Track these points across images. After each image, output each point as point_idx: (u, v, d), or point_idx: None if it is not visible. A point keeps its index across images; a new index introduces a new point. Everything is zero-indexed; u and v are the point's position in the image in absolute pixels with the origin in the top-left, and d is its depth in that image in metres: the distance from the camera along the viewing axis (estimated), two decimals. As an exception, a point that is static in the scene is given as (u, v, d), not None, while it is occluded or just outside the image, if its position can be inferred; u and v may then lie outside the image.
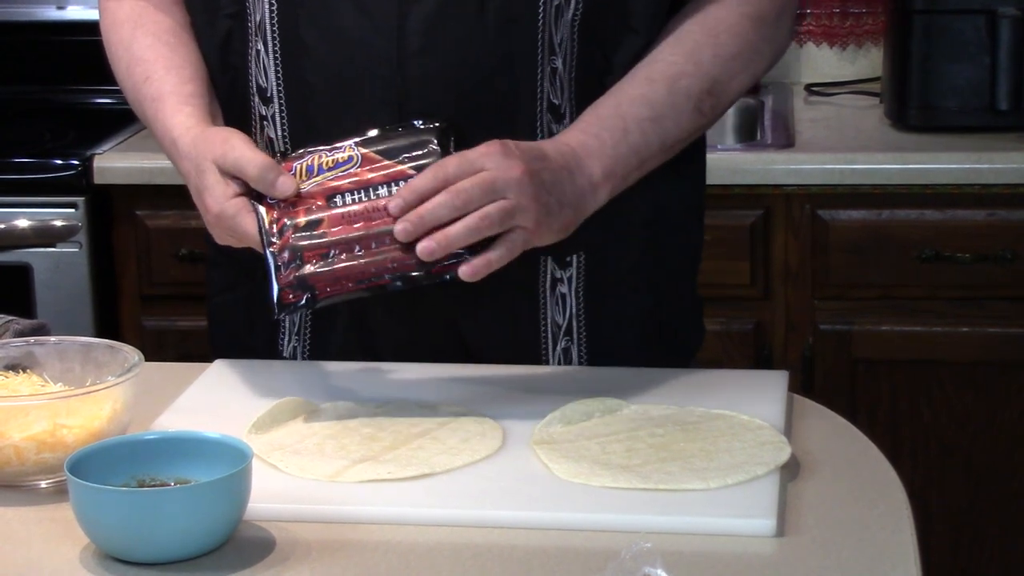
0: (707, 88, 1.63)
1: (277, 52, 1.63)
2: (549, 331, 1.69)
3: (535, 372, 1.66)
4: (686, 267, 1.78)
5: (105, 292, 2.92)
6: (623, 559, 1.20)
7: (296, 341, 1.73)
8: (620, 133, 1.58)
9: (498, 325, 1.67)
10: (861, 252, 2.79)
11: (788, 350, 2.85)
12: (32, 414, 1.41)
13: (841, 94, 3.24)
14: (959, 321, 2.81)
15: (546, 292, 1.68)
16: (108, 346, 1.52)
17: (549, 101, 1.62)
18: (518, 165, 1.49)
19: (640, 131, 1.59)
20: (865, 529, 1.33)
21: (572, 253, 1.67)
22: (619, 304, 1.71)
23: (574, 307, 1.69)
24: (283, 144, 1.65)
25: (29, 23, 3.30)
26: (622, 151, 1.58)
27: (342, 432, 1.49)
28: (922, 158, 2.77)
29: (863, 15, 3.34)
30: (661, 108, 1.60)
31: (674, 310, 1.76)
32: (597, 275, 1.69)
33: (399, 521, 1.34)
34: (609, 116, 1.59)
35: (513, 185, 1.48)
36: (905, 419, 2.85)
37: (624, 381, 1.62)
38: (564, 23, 1.61)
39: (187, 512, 1.27)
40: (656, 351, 1.73)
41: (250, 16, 1.64)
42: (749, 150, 2.92)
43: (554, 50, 1.61)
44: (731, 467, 1.40)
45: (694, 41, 1.63)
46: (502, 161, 1.49)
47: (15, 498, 1.41)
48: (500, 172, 1.48)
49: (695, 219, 1.79)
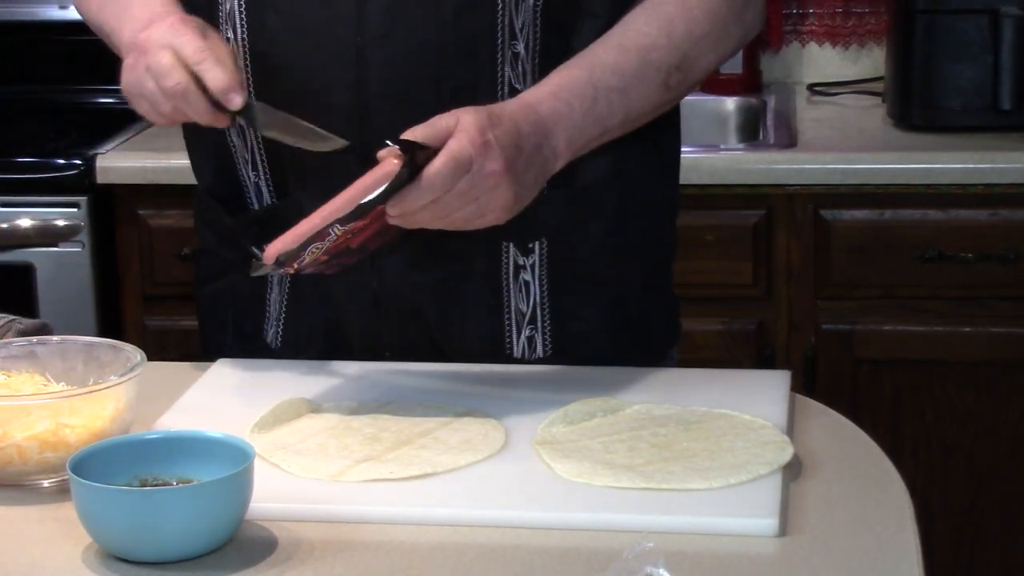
0: (677, 63, 1.63)
1: (246, 41, 1.66)
2: (513, 319, 1.70)
3: (536, 371, 1.66)
4: (658, 262, 1.78)
5: (107, 292, 2.92)
6: (626, 559, 1.20)
7: (275, 328, 1.75)
8: (589, 102, 1.59)
9: (462, 313, 1.68)
10: (863, 252, 2.79)
11: (790, 350, 2.85)
12: (35, 414, 1.41)
13: (844, 94, 3.24)
14: (961, 321, 2.81)
15: (509, 280, 1.68)
16: (110, 346, 1.52)
17: (511, 86, 1.63)
18: (498, 165, 1.49)
19: (607, 101, 1.60)
20: (867, 529, 1.33)
21: (534, 240, 1.67)
22: (584, 294, 1.71)
23: (538, 295, 1.69)
24: (254, 131, 1.65)
25: (31, 23, 3.30)
26: (588, 121, 1.59)
27: (345, 432, 1.49)
28: (925, 158, 2.77)
29: (866, 15, 3.33)
30: (630, 79, 1.61)
31: (645, 305, 1.76)
32: (560, 263, 1.69)
33: (401, 521, 1.34)
34: (580, 81, 1.59)
35: (492, 186, 1.49)
36: (907, 419, 2.84)
37: (626, 381, 1.62)
38: (526, 8, 1.62)
39: (189, 512, 1.27)
40: (624, 345, 1.73)
41: (220, 5, 1.67)
42: (751, 150, 2.92)
43: (515, 35, 1.62)
44: (733, 467, 1.40)
45: (668, 13, 1.64)
46: (484, 164, 1.48)
47: (18, 497, 1.41)
48: (479, 179, 1.48)
49: (666, 215, 1.79)
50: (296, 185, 1.68)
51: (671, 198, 1.80)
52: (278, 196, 1.71)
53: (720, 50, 1.68)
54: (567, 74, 1.60)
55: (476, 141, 1.48)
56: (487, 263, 1.66)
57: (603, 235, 1.70)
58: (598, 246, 1.70)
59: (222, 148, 1.72)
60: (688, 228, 2.80)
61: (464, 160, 1.47)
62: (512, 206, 1.52)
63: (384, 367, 1.66)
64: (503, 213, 1.52)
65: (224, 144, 1.72)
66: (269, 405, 1.53)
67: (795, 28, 3.36)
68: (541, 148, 1.55)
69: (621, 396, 1.56)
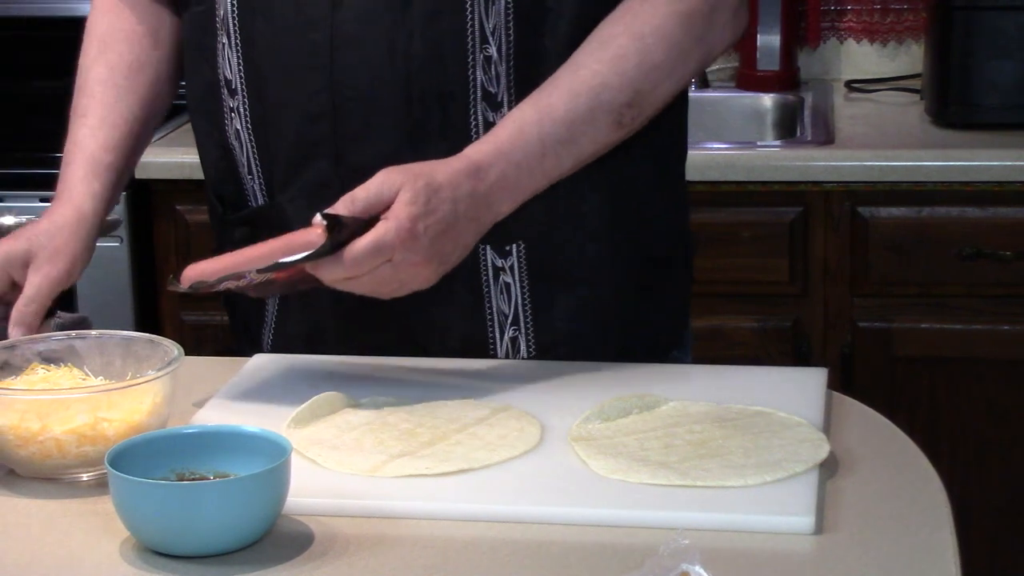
0: (629, 100, 1.61)
1: (238, 45, 1.68)
2: (496, 320, 1.70)
3: (572, 368, 1.66)
4: (657, 262, 1.77)
5: (145, 286, 2.93)
6: (661, 555, 1.20)
7: (268, 331, 1.78)
8: (537, 159, 1.59)
9: (445, 316, 1.67)
10: (901, 249, 2.78)
11: (827, 347, 2.84)
12: (73, 407, 1.42)
13: (881, 91, 3.23)
14: (999, 319, 2.80)
15: (489, 281, 1.69)
16: (148, 340, 1.52)
17: (484, 89, 1.63)
18: (419, 257, 1.52)
19: (556, 154, 1.59)
20: (904, 527, 1.32)
21: (510, 243, 1.67)
22: (569, 294, 1.71)
23: (519, 296, 1.69)
24: (249, 135, 1.69)
25: (70, 18, 3.31)
26: (536, 176, 1.59)
27: (381, 427, 1.50)
28: (963, 155, 2.76)
29: (904, 11, 3.32)
30: (581, 126, 1.60)
31: (640, 304, 1.75)
32: (542, 263, 1.69)
33: (437, 516, 1.35)
34: (530, 138, 1.58)
35: (411, 274, 1.53)
36: (944, 417, 2.83)
37: (661, 377, 1.62)
38: (496, 11, 1.61)
39: (226, 506, 1.27)
40: (617, 346, 1.72)
41: (216, 11, 1.69)
42: (789, 147, 2.91)
43: (486, 39, 1.62)
44: (770, 464, 1.39)
45: (620, 47, 1.61)
46: (407, 255, 1.51)
47: (56, 491, 1.42)
48: (400, 268, 1.52)
49: (665, 214, 1.77)
50: (279, 190, 1.71)
51: (671, 198, 1.78)
52: (270, 199, 1.73)
53: (679, 75, 1.65)
54: (517, 128, 1.59)
55: (403, 231, 1.50)
56: (466, 266, 1.65)
57: (585, 238, 1.70)
58: (580, 248, 1.70)
59: (225, 150, 1.74)
60: (725, 225, 2.81)
61: (386, 249, 1.50)
62: (435, 280, 1.56)
63: (421, 363, 1.67)
64: (424, 286, 1.56)
65: (227, 146, 1.74)
66: (306, 400, 1.53)
67: (833, 25, 3.35)
68: (479, 219, 1.56)
69: (657, 392, 1.55)
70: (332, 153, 1.65)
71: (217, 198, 1.79)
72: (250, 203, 1.74)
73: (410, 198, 1.51)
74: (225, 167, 1.75)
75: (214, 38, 1.70)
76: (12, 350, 1.52)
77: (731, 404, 1.54)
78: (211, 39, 1.70)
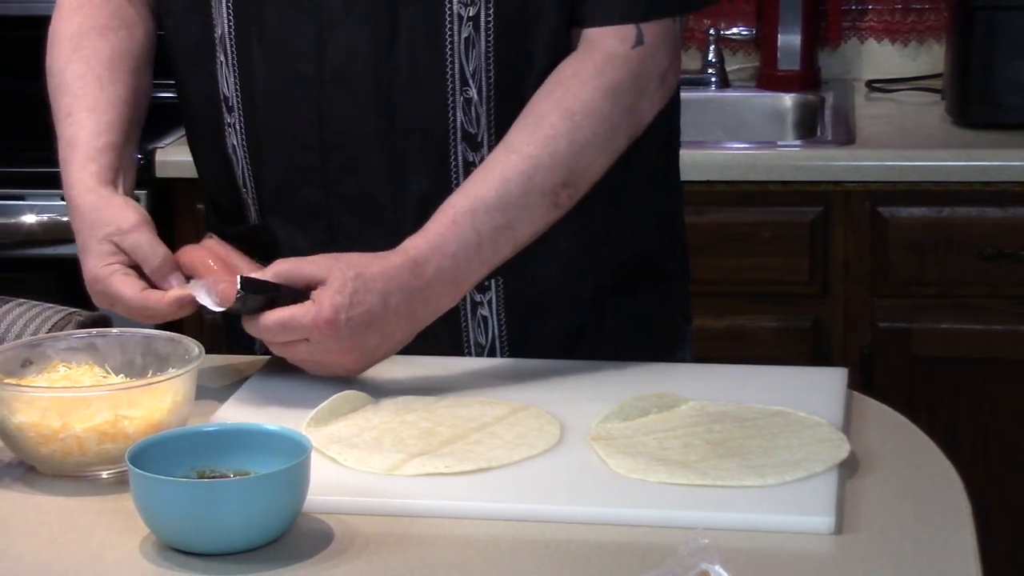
0: (563, 181, 1.61)
1: (235, 66, 1.69)
2: (472, 352, 1.72)
3: (591, 367, 1.66)
4: (652, 268, 1.77)
5: (166, 284, 2.93)
6: (680, 555, 1.20)
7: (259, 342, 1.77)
8: (474, 249, 1.58)
9: (421, 346, 1.64)
10: (921, 250, 2.78)
11: (847, 347, 2.83)
12: (94, 405, 1.42)
13: (903, 91, 3.22)
14: (1020, 319, 2.79)
15: (467, 315, 1.70)
16: (169, 338, 1.53)
17: (464, 130, 1.64)
18: (336, 345, 1.53)
19: (493, 242, 1.59)
20: (924, 528, 1.32)
21: (489, 279, 1.67)
22: (544, 322, 1.72)
23: (496, 328, 1.71)
24: (244, 151, 1.71)
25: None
26: (474, 266, 1.59)
27: (400, 426, 1.50)
28: (984, 155, 2.76)
29: (925, 11, 3.32)
30: (516, 211, 1.59)
31: (640, 312, 1.76)
32: (519, 295, 1.70)
33: (456, 515, 1.35)
34: (464, 228, 1.57)
35: (330, 360, 1.55)
36: (965, 417, 2.83)
37: (681, 377, 1.62)
38: (476, 54, 1.62)
39: (246, 504, 1.27)
40: (613, 351, 1.72)
41: (214, 28, 1.70)
42: (809, 147, 2.91)
43: (467, 81, 1.62)
44: (789, 464, 1.39)
45: (551, 126, 1.60)
46: (323, 342, 1.52)
47: (77, 488, 1.42)
48: (316, 352, 1.54)
49: (661, 217, 1.78)
50: (270, 211, 1.72)
51: (664, 199, 1.78)
52: (262, 216, 1.74)
53: (611, 149, 1.64)
54: (450, 220, 1.58)
55: (320, 318, 1.51)
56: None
57: (563, 266, 1.70)
58: (557, 276, 1.71)
59: (224, 157, 1.75)
60: (745, 224, 2.81)
61: (298, 328, 1.52)
62: (358, 370, 1.57)
63: (439, 362, 1.67)
64: (345, 374, 1.57)
65: (226, 155, 1.74)
66: (326, 398, 1.53)
67: (854, 24, 3.34)
68: (413, 314, 1.56)
69: (676, 392, 1.55)
70: (321, 182, 1.67)
71: (212, 204, 1.80)
72: (246, 215, 1.75)
73: (338, 287, 1.52)
74: (224, 175, 1.76)
75: (212, 52, 1.70)
76: (34, 348, 1.53)
77: (751, 404, 1.53)
78: (209, 52, 1.70)
